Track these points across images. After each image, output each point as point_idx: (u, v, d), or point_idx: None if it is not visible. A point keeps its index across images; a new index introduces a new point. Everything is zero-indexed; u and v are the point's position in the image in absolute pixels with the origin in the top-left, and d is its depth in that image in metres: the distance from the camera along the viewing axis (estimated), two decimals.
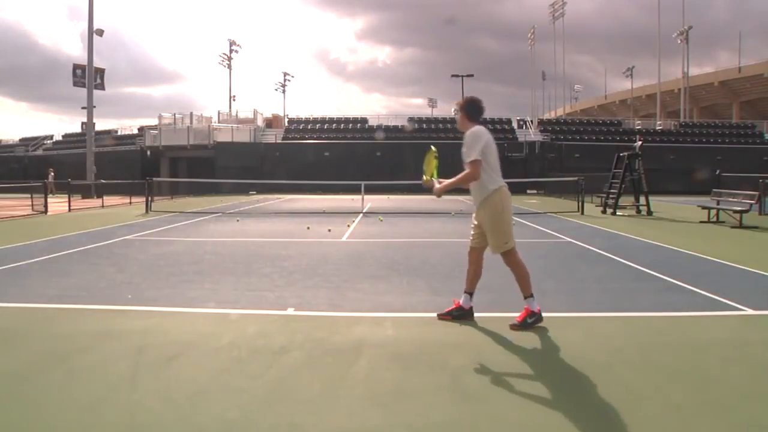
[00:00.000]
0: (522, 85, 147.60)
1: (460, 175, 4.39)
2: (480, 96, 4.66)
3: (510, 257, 4.40)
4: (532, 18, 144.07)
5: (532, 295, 4.39)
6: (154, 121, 46.55)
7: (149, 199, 18.37)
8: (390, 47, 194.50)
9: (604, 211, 17.19)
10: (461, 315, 4.57)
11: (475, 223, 4.53)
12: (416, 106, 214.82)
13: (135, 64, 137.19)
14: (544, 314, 4.84)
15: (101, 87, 33.20)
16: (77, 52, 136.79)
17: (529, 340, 4.13)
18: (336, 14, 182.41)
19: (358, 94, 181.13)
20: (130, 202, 22.01)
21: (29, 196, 18.00)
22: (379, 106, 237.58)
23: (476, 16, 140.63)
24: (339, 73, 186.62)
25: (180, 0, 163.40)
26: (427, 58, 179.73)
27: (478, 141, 4.30)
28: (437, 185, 4.59)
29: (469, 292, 4.59)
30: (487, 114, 4.66)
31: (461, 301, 4.61)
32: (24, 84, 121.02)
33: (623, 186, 16.94)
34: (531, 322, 4.34)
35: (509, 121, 46.23)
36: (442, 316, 4.63)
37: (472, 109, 4.54)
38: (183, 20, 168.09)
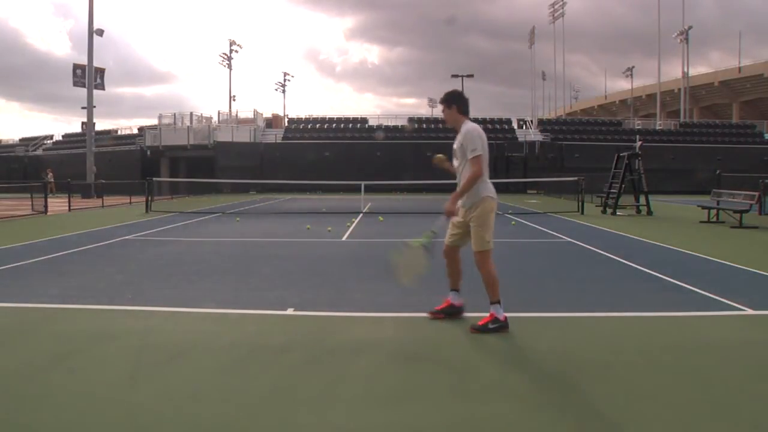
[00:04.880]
0: (514, 84, 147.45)
1: (466, 178, 4.24)
2: (473, 95, 4.69)
3: (486, 258, 4.29)
4: (525, 17, 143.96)
5: (499, 302, 4.22)
6: (148, 121, 46.68)
7: (149, 199, 18.36)
8: (380, 47, 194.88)
9: (604, 211, 17.19)
10: (453, 312, 4.59)
11: (459, 220, 4.46)
12: (410, 105, 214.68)
13: (127, 64, 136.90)
14: (544, 314, 4.86)
15: (101, 87, 33.15)
16: (67, 51, 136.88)
17: (529, 340, 4.13)
18: (326, 14, 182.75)
19: (351, 93, 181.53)
20: (130, 202, 22.00)
21: (29, 196, 17.98)
22: (372, 106, 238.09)
23: (467, 16, 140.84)
24: (330, 74, 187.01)
25: (171, 0, 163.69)
26: (418, 57, 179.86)
27: (479, 137, 4.26)
28: (451, 207, 4.38)
29: (456, 289, 4.61)
30: (484, 114, 4.70)
31: (451, 299, 4.62)
32: (14, 83, 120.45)
33: (623, 186, 16.94)
34: (492, 327, 4.19)
35: (509, 121, 46.27)
36: (434, 315, 4.63)
37: (461, 102, 4.46)
38: (175, 20, 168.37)
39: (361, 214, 16.59)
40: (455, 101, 4.46)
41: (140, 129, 47.89)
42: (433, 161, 4.85)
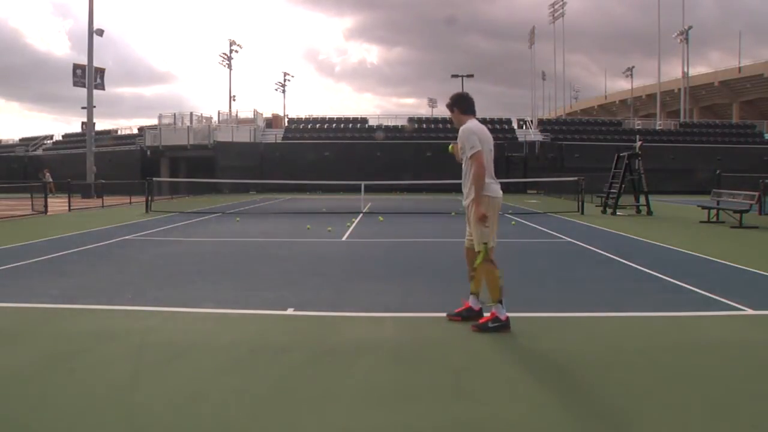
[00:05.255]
0: (514, 84, 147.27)
1: (471, 179, 4.24)
2: (472, 95, 4.64)
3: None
4: (525, 17, 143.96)
5: (501, 302, 4.22)
6: (148, 121, 46.67)
7: (149, 199, 18.36)
8: (379, 47, 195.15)
9: (604, 211, 17.19)
10: (470, 316, 4.49)
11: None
12: (410, 105, 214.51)
13: (126, 64, 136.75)
14: (544, 314, 4.86)
15: (101, 87, 33.14)
16: (66, 51, 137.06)
17: (529, 340, 4.13)
18: (325, 14, 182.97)
19: (350, 93, 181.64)
20: (130, 202, 22.00)
21: (29, 196, 17.98)
22: (372, 106, 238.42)
23: (467, 16, 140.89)
24: (329, 74, 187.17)
25: (171, 0, 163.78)
26: (417, 57, 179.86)
27: (472, 133, 4.28)
28: (478, 211, 4.22)
29: (475, 293, 4.55)
30: (484, 114, 4.66)
31: (470, 302, 4.55)
32: (13, 83, 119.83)
33: (623, 186, 16.95)
34: (493, 326, 4.20)
35: (509, 121, 46.28)
36: (452, 317, 4.56)
37: (463, 103, 4.52)
38: (175, 20, 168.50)
39: (361, 214, 16.59)
40: (456, 104, 4.53)
41: (140, 129, 47.88)
42: (450, 151, 4.79)
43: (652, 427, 2.70)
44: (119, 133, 51.79)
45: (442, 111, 68.93)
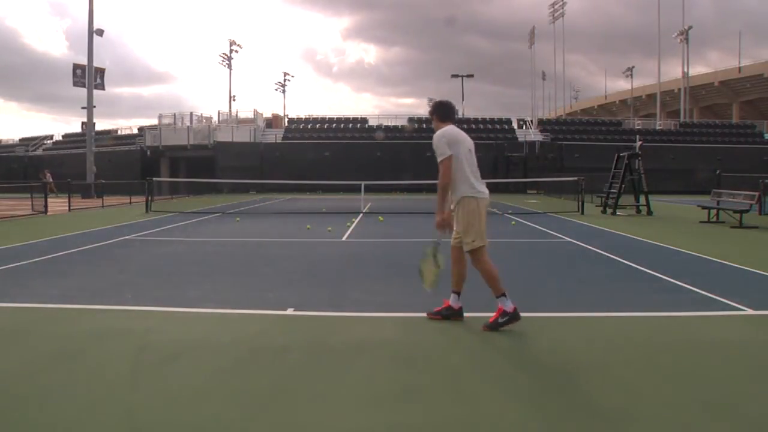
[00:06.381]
0: (514, 84, 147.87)
1: (439, 186, 4.31)
2: (471, 95, 4.71)
3: (477, 256, 4.30)
4: (524, 17, 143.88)
5: (504, 294, 4.22)
6: (146, 121, 46.83)
7: (149, 199, 18.37)
8: (377, 47, 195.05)
9: (604, 211, 17.19)
10: (450, 314, 4.55)
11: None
12: (409, 105, 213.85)
13: (124, 64, 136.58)
14: (544, 314, 4.86)
15: (101, 87, 33.15)
16: (64, 51, 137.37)
17: (529, 340, 4.13)
18: (323, 14, 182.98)
19: (349, 93, 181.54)
20: (130, 202, 22.00)
21: (29, 196, 17.98)
22: (371, 106, 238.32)
23: (465, 16, 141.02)
24: (327, 74, 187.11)
25: (168, 0, 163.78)
26: (415, 57, 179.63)
27: (441, 137, 4.33)
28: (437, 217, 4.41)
29: (456, 292, 4.56)
30: (484, 113, 4.68)
31: (450, 301, 4.57)
32: (11, 83, 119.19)
33: (623, 186, 16.95)
34: (503, 322, 4.21)
35: (509, 121, 46.32)
36: (432, 315, 4.61)
37: (440, 110, 4.59)
38: (172, 20, 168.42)
39: (361, 214, 16.59)
40: (434, 112, 4.62)
41: (140, 129, 47.94)
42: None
43: (652, 426, 2.70)
44: (119, 133, 51.85)
45: None
